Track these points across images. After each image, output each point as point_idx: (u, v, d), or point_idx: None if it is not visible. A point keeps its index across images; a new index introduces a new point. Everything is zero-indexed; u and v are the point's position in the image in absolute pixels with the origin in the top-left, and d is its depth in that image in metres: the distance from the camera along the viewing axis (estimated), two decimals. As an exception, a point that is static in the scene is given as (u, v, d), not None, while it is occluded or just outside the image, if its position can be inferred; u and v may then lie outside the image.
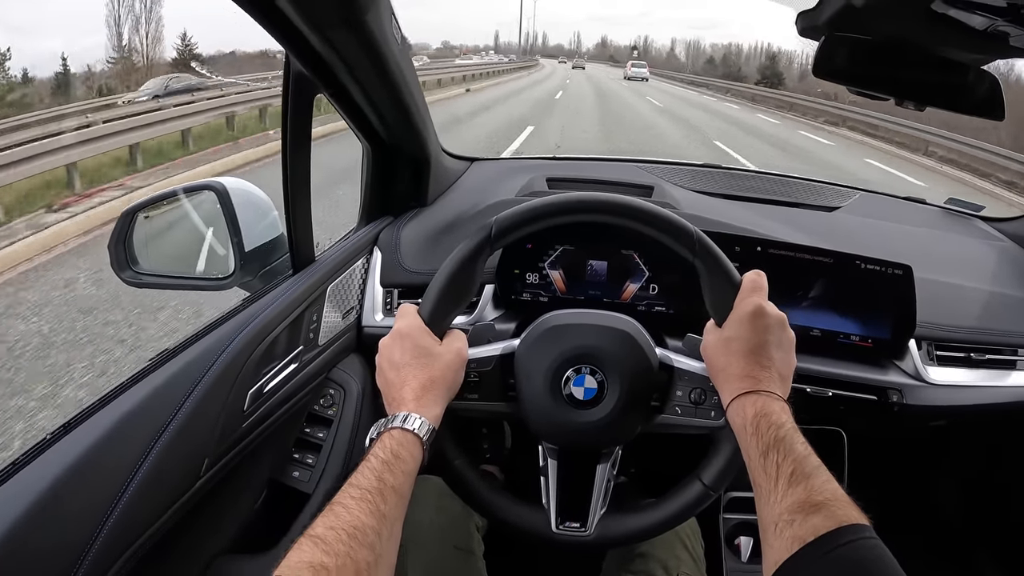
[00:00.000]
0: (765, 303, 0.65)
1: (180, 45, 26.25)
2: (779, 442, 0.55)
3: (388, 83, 0.81)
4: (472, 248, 0.69)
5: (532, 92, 18.39)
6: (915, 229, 1.30)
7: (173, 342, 0.75)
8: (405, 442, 0.58)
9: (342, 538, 0.48)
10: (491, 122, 10.78)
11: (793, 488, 0.51)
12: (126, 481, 0.60)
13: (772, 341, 0.63)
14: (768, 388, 0.61)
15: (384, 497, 0.53)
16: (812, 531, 0.47)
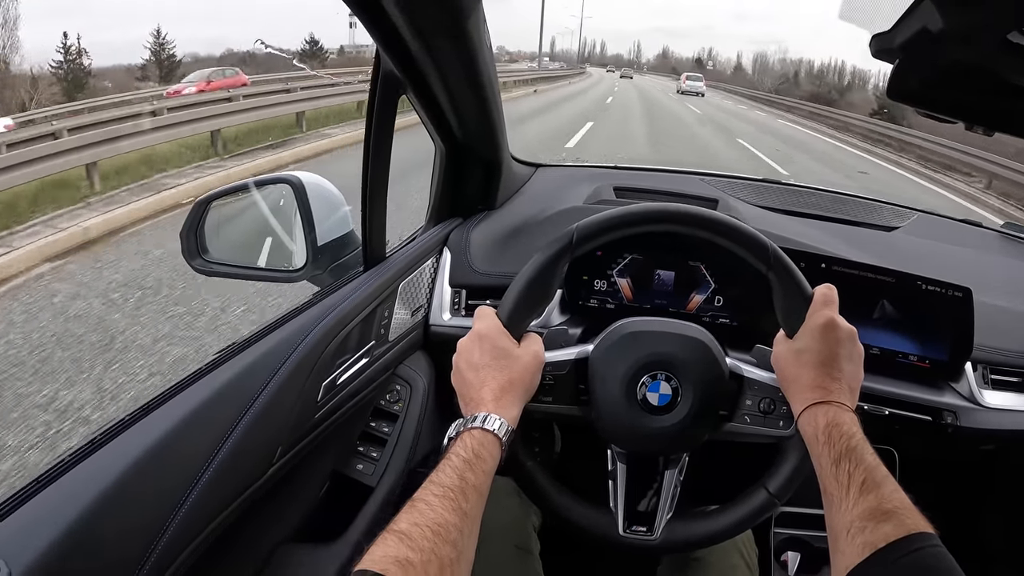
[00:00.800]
0: (837, 316, 0.66)
1: (154, 44, 25.87)
2: (851, 451, 0.57)
3: (475, 87, 0.83)
4: (553, 253, 0.70)
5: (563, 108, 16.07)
6: (973, 252, 1.30)
7: (248, 331, 0.76)
8: (485, 442, 0.59)
9: (426, 535, 0.49)
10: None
11: (864, 496, 0.53)
12: (203, 466, 0.61)
13: (843, 354, 0.65)
14: (838, 399, 0.62)
15: (466, 495, 0.54)
16: (883, 538, 0.49)
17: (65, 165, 5.37)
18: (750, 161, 10.12)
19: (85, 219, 4.79)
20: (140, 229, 4.89)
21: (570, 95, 20.48)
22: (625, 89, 29.94)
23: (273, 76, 9.47)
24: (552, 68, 39.91)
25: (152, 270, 3.91)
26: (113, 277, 3.86)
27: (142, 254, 4.29)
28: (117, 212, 5.03)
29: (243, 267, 0.98)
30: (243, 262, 1.01)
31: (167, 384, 0.65)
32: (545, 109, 14.38)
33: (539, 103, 15.79)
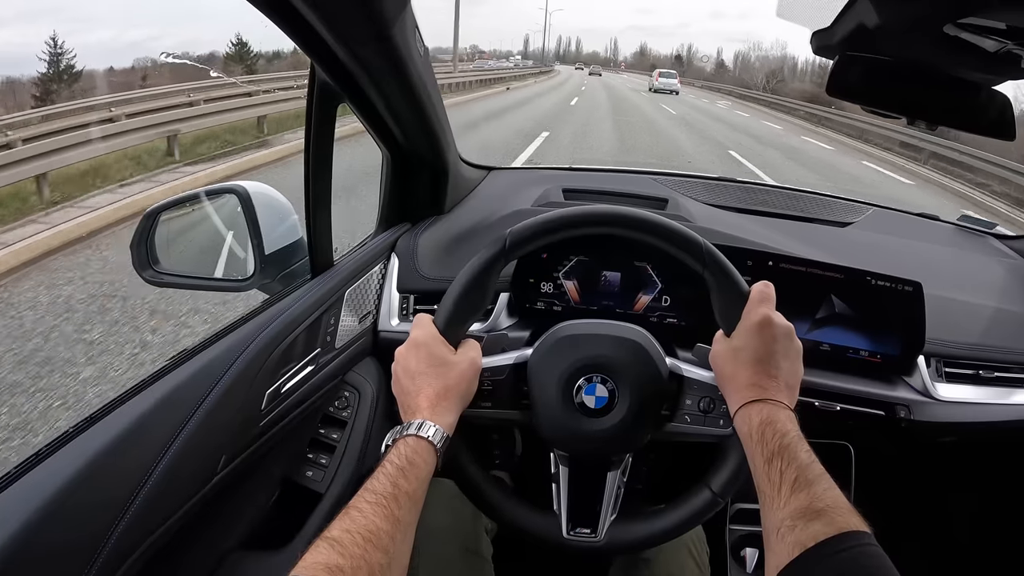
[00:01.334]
0: (773, 313, 0.66)
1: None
2: (783, 449, 0.57)
3: (410, 94, 0.83)
4: (487, 259, 0.71)
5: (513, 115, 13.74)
6: (927, 245, 1.31)
7: (193, 341, 0.77)
8: (419, 449, 0.60)
9: (357, 541, 0.49)
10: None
11: (796, 494, 0.53)
12: (145, 475, 0.62)
13: (779, 351, 0.65)
14: (775, 397, 0.62)
15: (398, 502, 0.55)
16: (812, 537, 0.49)
17: (14, 177, 5.00)
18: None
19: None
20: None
21: (531, 96, 19.12)
22: (593, 88, 27.90)
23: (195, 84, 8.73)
24: (495, 66, 37.51)
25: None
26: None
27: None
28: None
29: (194, 277, 0.99)
30: (194, 272, 1.01)
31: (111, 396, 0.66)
32: (500, 113, 13.17)
33: (494, 106, 14.47)
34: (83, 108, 8.31)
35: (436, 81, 0.90)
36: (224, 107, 8.27)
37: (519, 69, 35.79)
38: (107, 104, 7.34)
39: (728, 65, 57.43)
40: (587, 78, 41.29)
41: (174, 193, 1.02)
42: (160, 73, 13.23)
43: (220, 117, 8.09)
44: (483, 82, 21.53)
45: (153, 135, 6.83)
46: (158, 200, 0.96)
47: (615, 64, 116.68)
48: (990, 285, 1.20)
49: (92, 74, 21.22)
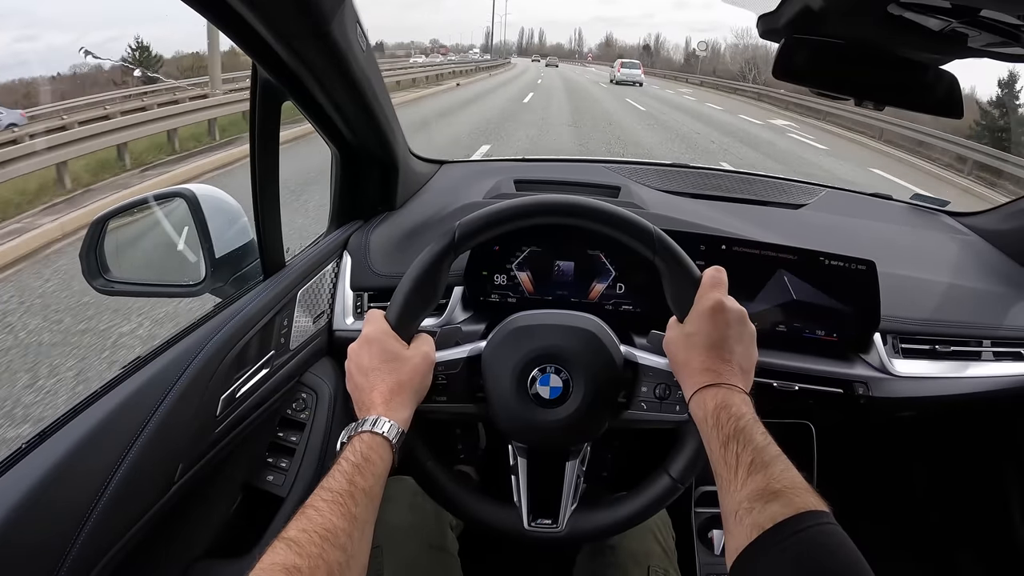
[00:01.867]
0: (725, 298, 0.66)
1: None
2: (739, 432, 0.57)
3: (354, 89, 0.82)
4: (436, 253, 0.70)
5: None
6: (881, 225, 1.32)
7: (145, 349, 0.76)
8: (375, 445, 0.60)
9: (314, 540, 0.49)
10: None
11: (752, 477, 0.53)
12: (101, 488, 0.61)
13: (732, 335, 0.65)
14: (729, 381, 0.62)
15: (355, 499, 0.54)
16: (770, 518, 0.48)
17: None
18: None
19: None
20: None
21: (482, 93, 17.46)
22: (551, 82, 25.37)
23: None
24: (443, 61, 34.82)
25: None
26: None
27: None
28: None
29: (145, 284, 0.97)
30: (145, 279, 0.98)
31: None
32: (441, 115, 11.58)
33: (439, 105, 13.05)
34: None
35: (381, 76, 0.89)
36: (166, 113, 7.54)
37: (473, 63, 33.97)
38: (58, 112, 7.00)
39: (700, 55, 56.26)
40: (544, 70, 39.95)
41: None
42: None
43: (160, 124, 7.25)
44: (440, 77, 20.33)
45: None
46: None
47: (580, 56, 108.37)
48: (944, 261, 1.22)
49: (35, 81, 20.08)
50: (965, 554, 1.37)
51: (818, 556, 0.46)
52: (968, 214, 1.41)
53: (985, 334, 1.07)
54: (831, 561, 0.46)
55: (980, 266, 1.23)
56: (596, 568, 0.86)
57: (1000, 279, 1.20)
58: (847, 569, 0.45)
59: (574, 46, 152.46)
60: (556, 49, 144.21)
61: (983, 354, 1.07)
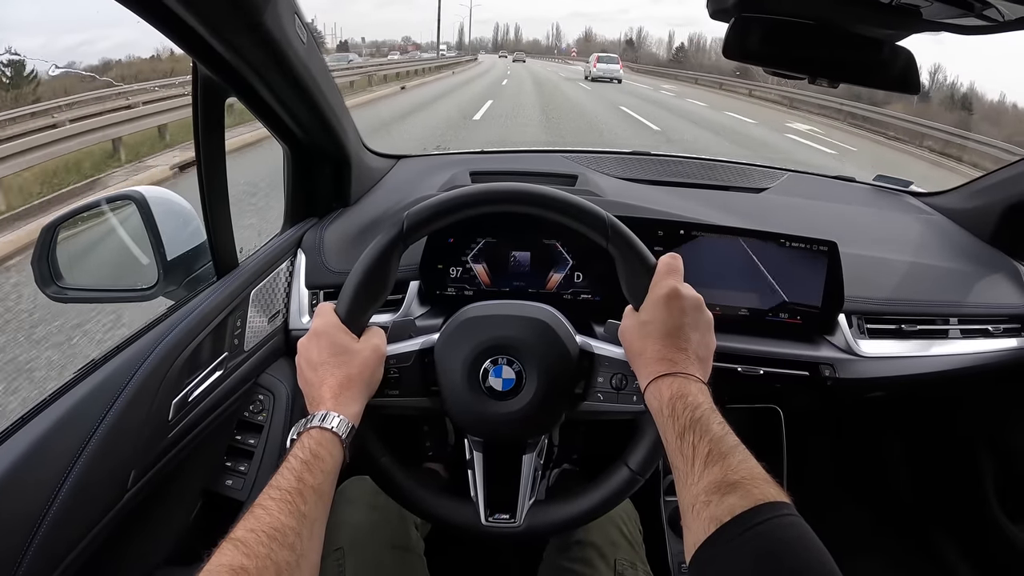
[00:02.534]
0: (680, 285, 0.65)
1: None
2: (695, 423, 0.55)
3: (296, 84, 0.80)
4: (385, 244, 0.68)
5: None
6: (844, 206, 1.32)
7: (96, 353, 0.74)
8: (324, 441, 0.58)
9: (262, 540, 0.48)
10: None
11: (709, 468, 0.51)
12: (50, 498, 0.60)
13: (688, 323, 0.63)
14: (685, 370, 0.61)
15: (304, 497, 0.53)
16: (728, 511, 0.47)
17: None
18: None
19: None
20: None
21: (441, 93, 15.33)
22: (518, 79, 22.54)
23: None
24: (403, 59, 32.20)
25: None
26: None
27: None
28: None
29: (98, 290, 0.94)
30: (99, 285, 0.96)
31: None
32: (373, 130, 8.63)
33: (388, 111, 10.96)
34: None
35: (327, 70, 0.87)
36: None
37: (437, 60, 31.55)
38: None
39: (686, 48, 53.77)
40: (511, 66, 36.99)
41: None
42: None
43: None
44: (387, 78, 17.58)
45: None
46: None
47: (561, 52, 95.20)
48: (907, 241, 1.22)
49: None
50: (940, 531, 1.37)
51: (777, 550, 0.45)
52: (931, 194, 1.41)
53: (951, 312, 1.07)
54: (791, 555, 0.44)
55: (945, 244, 1.23)
56: (562, 563, 0.85)
57: (965, 257, 1.20)
58: (808, 562, 0.44)
59: (552, 42, 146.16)
60: (533, 45, 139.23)
61: (950, 332, 1.07)
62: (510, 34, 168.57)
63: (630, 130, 10.59)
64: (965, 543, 1.32)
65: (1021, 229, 1.21)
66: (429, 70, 23.57)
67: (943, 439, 1.35)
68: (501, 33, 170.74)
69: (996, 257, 1.21)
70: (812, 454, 1.25)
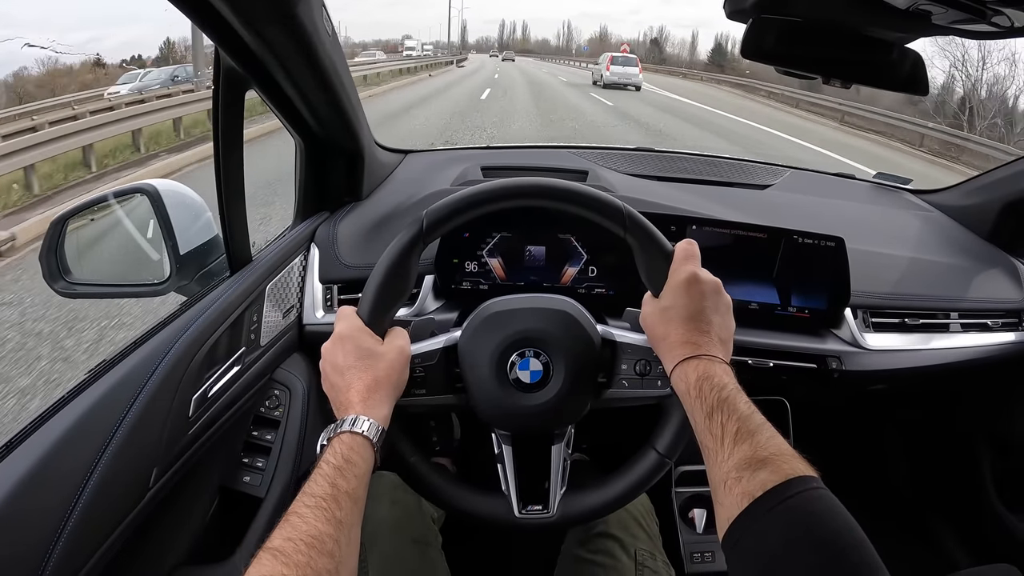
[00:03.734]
0: (699, 270, 0.66)
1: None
2: (723, 402, 0.56)
3: (320, 77, 0.80)
4: (405, 243, 0.68)
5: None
6: (845, 203, 1.35)
7: (111, 351, 0.73)
8: (355, 446, 0.58)
9: (300, 548, 0.47)
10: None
11: (739, 446, 0.52)
12: (75, 497, 0.59)
13: (709, 306, 0.64)
14: (709, 352, 0.62)
15: (339, 503, 0.53)
16: (760, 486, 0.48)
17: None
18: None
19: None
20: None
21: (406, 107, 11.81)
22: (510, 85, 18.62)
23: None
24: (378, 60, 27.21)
25: None
26: None
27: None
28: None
29: (108, 285, 0.93)
30: (108, 280, 0.95)
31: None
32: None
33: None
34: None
35: (347, 63, 0.87)
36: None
37: (421, 59, 28.60)
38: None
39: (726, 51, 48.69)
40: (500, 65, 34.69)
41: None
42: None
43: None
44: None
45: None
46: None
47: (577, 52, 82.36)
48: (909, 237, 1.25)
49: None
50: (939, 521, 1.41)
51: (810, 521, 0.46)
52: (930, 191, 1.44)
53: (952, 306, 1.10)
54: (824, 525, 0.46)
55: (944, 241, 1.26)
56: (582, 555, 0.86)
57: (964, 253, 1.23)
58: (840, 531, 0.45)
59: (563, 42, 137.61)
60: (542, 45, 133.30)
61: (951, 326, 1.10)
62: (516, 32, 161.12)
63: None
64: (964, 532, 1.36)
65: (1018, 226, 1.24)
66: (395, 73, 20.40)
67: (943, 431, 1.39)
68: (507, 32, 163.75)
69: (994, 253, 1.24)
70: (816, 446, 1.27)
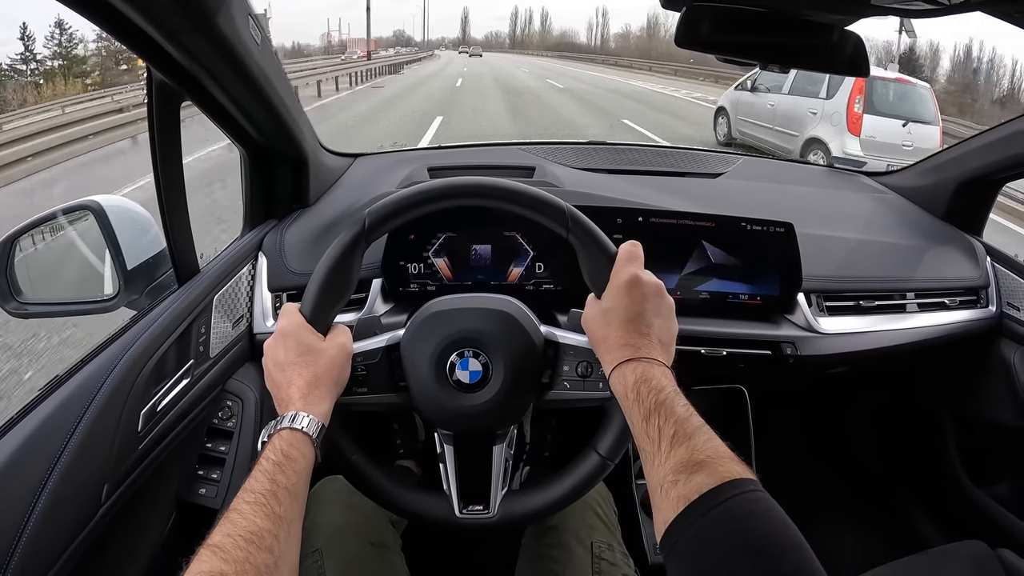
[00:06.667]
0: (641, 272, 0.66)
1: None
2: (660, 406, 0.56)
3: (251, 86, 0.80)
4: (347, 242, 0.69)
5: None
6: (799, 188, 1.36)
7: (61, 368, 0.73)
8: (295, 441, 0.58)
9: (239, 544, 0.48)
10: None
11: (675, 449, 0.52)
12: (24, 518, 0.59)
13: (650, 309, 0.64)
14: (648, 355, 0.62)
15: (278, 499, 0.53)
16: (696, 489, 0.48)
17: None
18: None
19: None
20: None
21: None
22: (479, 87, 15.36)
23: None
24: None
25: None
26: None
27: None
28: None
29: (59, 304, 0.92)
30: (59, 298, 0.95)
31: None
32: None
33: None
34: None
35: (282, 70, 0.87)
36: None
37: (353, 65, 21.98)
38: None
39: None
40: (467, 63, 31.61)
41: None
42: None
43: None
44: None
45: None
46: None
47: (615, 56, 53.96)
48: (863, 220, 1.26)
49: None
50: (906, 495, 1.41)
51: (745, 525, 0.46)
52: (884, 173, 1.45)
53: (908, 287, 1.10)
54: (760, 528, 0.46)
55: (899, 221, 1.27)
56: (540, 549, 0.86)
57: (920, 233, 1.23)
58: (776, 535, 0.45)
59: (595, 40, 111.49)
60: (566, 41, 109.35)
61: (908, 306, 1.10)
62: (534, 24, 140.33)
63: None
64: (933, 508, 1.37)
65: (973, 204, 1.25)
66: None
67: (906, 409, 1.39)
68: (520, 25, 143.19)
69: (950, 232, 1.25)
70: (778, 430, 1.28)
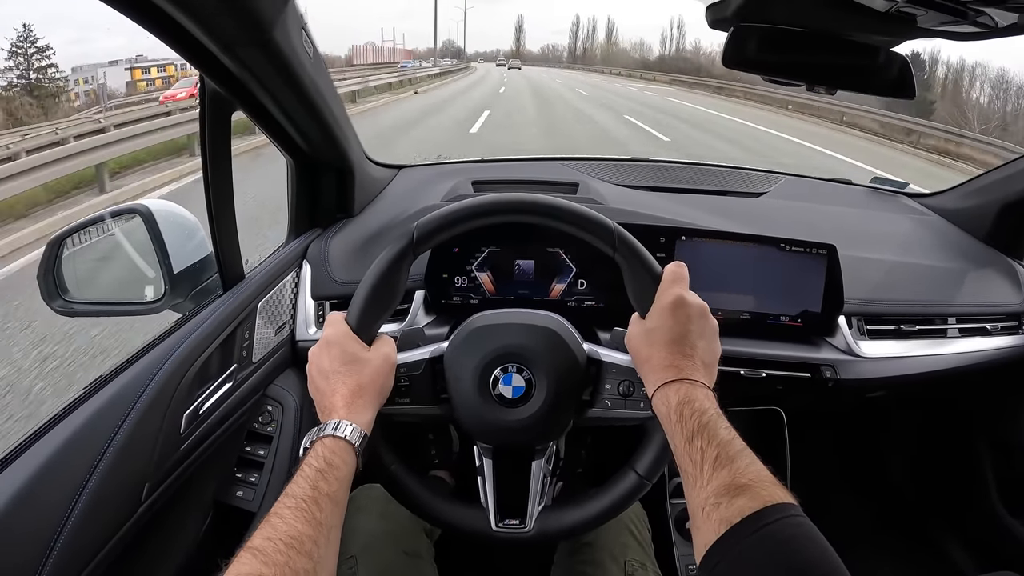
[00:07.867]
0: (686, 293, 0.66)
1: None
2: (703, 428, 0.56)
3: (302, 97, 0.81)
4: (395, 254, 0.69)
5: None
6: (841, 209, 1.34)
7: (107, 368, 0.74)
8: (337, 449, 0.59)
9: (280, 548, 0.49)
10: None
11: (718, 472, 0.52)
12: (66, 513, 0.60)
13: (694, 330, 0.64)
14: (691, 376, 0.61)
15: (319, 505, 0.54)
16: (738, 512, 0.48)
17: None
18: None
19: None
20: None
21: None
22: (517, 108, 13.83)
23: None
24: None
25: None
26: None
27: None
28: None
29: (105, 304, 0.95)
30: (105, 298, 0.97)
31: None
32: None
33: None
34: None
35: (332, 82, 0.88)
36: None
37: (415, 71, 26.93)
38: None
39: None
40: (507, 74, 32.87)
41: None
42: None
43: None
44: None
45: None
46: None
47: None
48: (905, 242, 1.24)
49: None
50: (942, 526, 1.39)
51: (787, 549, 0.46)
52: (927, 195, 1.43)
53: (950, 311, 1.09)
54: (800, 553, 0.45)
55: (941, 245, 1.25)
56: (573, 565, 0.86)
57: (962, 256, 1.21)
58: (816, 560, 0.45)
59: (669, 47, 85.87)
60: (632, 57, 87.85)
61: (949, 331, 1.08)
62: (597, 34, 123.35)
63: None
64: (968, 537, 1.34)
65: (1016, 228, 1.22)
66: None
67: (944, 436, 1.37)
68: (583, 35, 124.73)
69: (992, 256, 1.23)
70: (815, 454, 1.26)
